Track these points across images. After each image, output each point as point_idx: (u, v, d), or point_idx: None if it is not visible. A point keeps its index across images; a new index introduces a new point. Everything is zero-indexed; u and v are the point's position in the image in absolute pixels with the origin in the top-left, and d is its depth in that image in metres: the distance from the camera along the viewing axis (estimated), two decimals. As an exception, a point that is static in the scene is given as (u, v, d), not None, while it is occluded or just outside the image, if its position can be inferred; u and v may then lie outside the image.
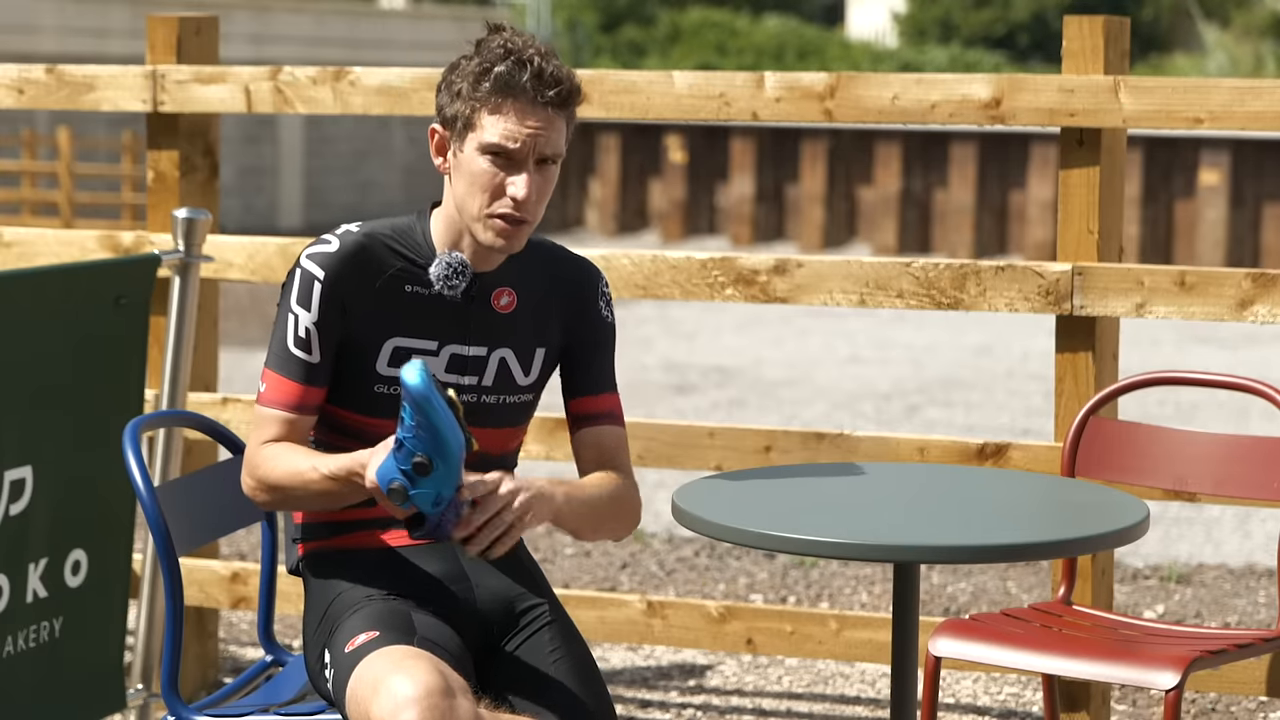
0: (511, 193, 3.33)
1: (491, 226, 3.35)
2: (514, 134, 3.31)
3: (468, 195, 3.36)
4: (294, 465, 3.33)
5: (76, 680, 4.45)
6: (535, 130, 3.32)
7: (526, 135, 3.31)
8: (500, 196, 3.34)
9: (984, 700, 5.40)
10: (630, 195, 22.51)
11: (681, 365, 12.75)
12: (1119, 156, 4.69)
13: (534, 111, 3.32)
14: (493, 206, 3.34)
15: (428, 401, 3.08)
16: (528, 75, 3.31)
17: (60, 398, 4.32)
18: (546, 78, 3.32)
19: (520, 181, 3.33)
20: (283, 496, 3.37)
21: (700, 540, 7.20)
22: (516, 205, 3.33)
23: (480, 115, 3.33)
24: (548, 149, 3.34)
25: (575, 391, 3.52)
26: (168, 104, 5.20)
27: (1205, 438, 4.21)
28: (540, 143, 3.32)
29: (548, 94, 3.32)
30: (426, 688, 3.13)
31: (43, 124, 19.71)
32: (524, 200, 3.32)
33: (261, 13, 22.34)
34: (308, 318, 3.37)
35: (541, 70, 3.32)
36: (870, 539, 3.28)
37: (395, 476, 3.13)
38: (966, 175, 20.79)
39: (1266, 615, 6.26)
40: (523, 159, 3.33)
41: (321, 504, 3.37)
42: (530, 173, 3.33)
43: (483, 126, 3.33)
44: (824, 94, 4.73)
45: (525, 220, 3.35)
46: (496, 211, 3.34)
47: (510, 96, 3.31)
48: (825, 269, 4.73)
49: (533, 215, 3.35)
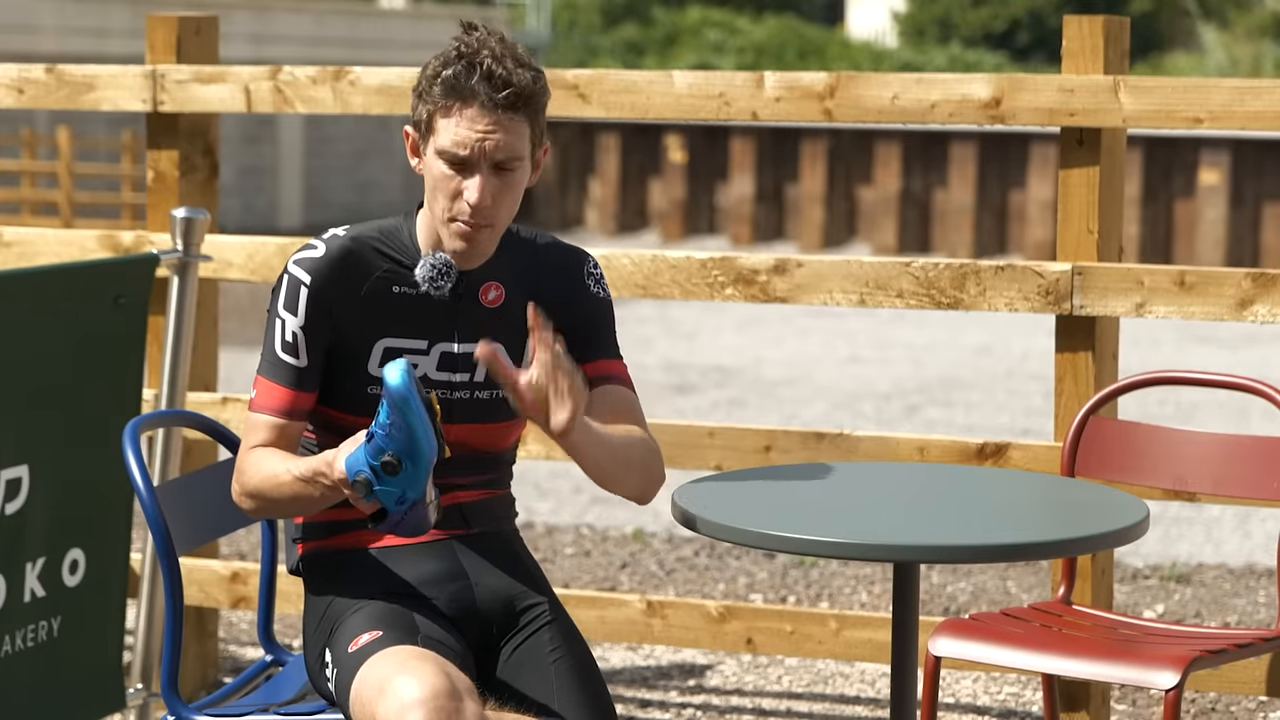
0: (466, 197, 3.30)
1: (453, 231, 3.35)
2: (464, 140, 3.28)
3: (432, 199, 3.36)
4: (271, 469, 3.33)
5: (75, 680, 4.44)
6: (485, 134, 3.28)
7: (476, 140, 3.28)
8: (457, 200, 3.32)
9: (984, 700, 5.40)
10: (630, 195, 22.51)
11: (681, 365, 12.75)
12: (1119, 156, 4.68)
13: (484, 115, 3.28)
14: (451, 210, 3.33)
15: (406, 403, 3.08)
16: (476, 78, 3.27)
17: (59, 397, 4.32)
18: (496, 80, 3.27)
19: (473, 186, 3.30)
20: (262, 502, 3.37)
21: (700, 540, 7.20)
22: (472, 210, 3.31)
23: (436, 119, 3.31)
24: (501, 153, 3.29)
25: (579, 361, 3.43)
26: (168, 104, 5.19)
27: (1205, 438, 4.21)
28: (490, 147, 3.28)
29: (497, 97, 3.27)
30: (433, 689, 3.12)
31: (43, 124, 19.71)
32: (477, 206, 3.30)
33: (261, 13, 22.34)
34: (294, 322, 3.37)
35: (491, 73, 3.27)
36: (870, 539, 3.28)
37: (363, 469, 3.13)
38: (966, 175, 20.79)
39: (1266, 615, 6.25)
40: (475, 163, 3.30)
41: (297, 508, 3.35)
42: (485, 176, 3.29)
43: (438, 130, 3.31)
44: (824, 94, 4.73)
45: (483, 225, 3.33)
46: (454, 216, 3.33)
47: (459, 100, 3.28)
48: (825, 269, 4.73)
49: (491, 219, 3.33)
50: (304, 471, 3.27)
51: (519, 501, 3.36)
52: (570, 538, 7.38)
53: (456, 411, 3.42)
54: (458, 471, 3.43)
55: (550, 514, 7.98)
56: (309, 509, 3.36)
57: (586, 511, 8.02)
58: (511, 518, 3.58)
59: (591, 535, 7.45)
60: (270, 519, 3.84)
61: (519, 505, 3.49)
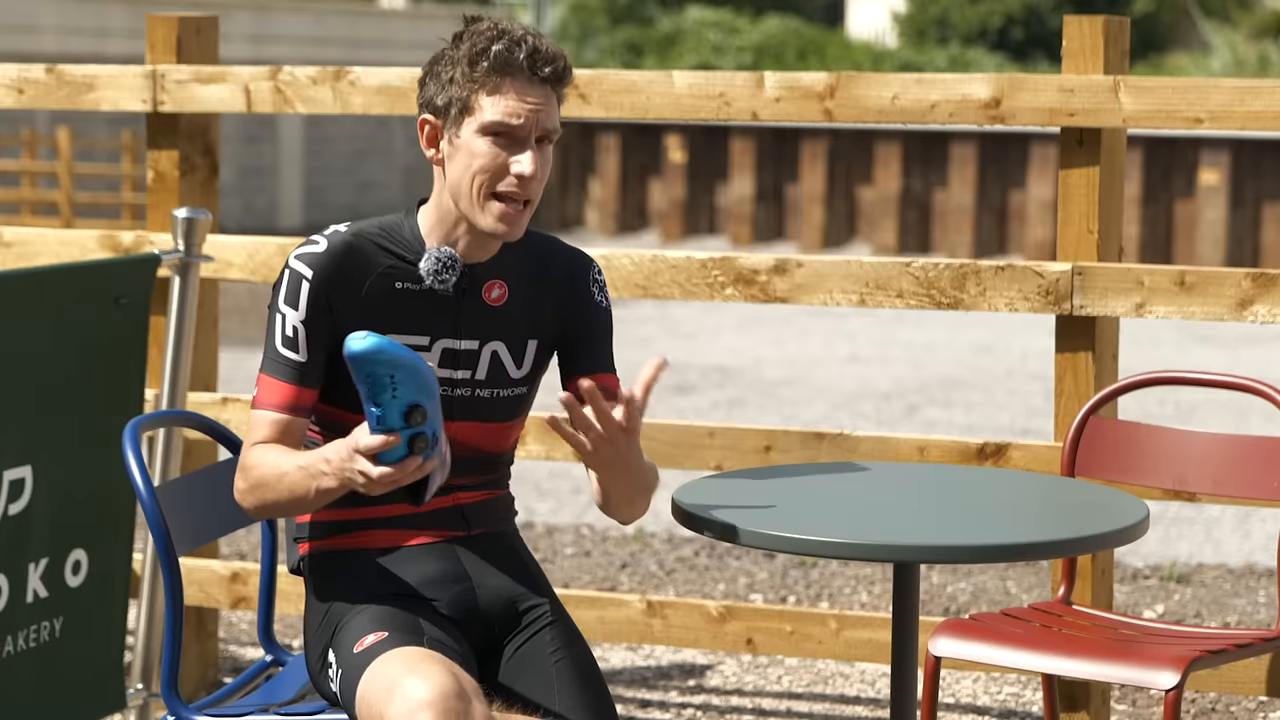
0: (517, 170, 3.34)
1: (491, 211, 3.35)
2: (516, 110, 3.33)
3: (465, 180, 3.36)
4: (272, 462, 3.33)
5: (76, 680, 4.45)
6: (536, 106, 3.34)
7: (529, 111, 3.33)
8: (504, 176, 3.34)
9: (984, 700, 5.40)
10: (630, 195, 22.50)
11: (681, 365, 12.75)
12: (1119, 156, 4.69)
13: (532, 88, 3.34)
14: (497, 186, 3.34)
15: (386, 349, 3.04)
16: (524, 53, 3.33)
17: (60, 398, 4.32)
18: (543, 54, 3.34)
19: (526, 159, 3.34)
20: (263, 496, 3.35)
21: (700, 540, 7.20)
22: (521, 183, 3.34)
23: (478, 97, 3.33)
24: (548, 124, 3.36)
25: (575, 373, 3.49)
26: (168, 104, 5.20)
27: (1205, 438, 4.21)
28: (541, 118, 3.35)
29: (544, 70, 3.34)
30: (442, 690, 3.12)
31: (43, 124, 19.71)
32: (530, 177, 3.33)
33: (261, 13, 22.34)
34: (295, 316, 3.37)
35: (537, 48, 3.34)
36: (870, 539, 3.28)
37: (399, 431, 3.10)
38: (966, 175, 20.78)
39: (1266, 615, 6.26)
40: (525, 136, 3.34)
41: (294, 504, 3.33)
42: (534, 149, 3.35)
43: (481, 108, 3.33)
44: (824, 94, 4.74)
45: (528, 200, 3.36)
46: (501, 191, 3.34)
47: (509, 75, 3.33)
48: (825, 269, 4.73)
49: (534, 194, 3.37)
50: (307, 461, 3.26)
51: (519, 501, 3.37)
52: (570, 538, 7.38)
53: (457, 409, 3.43)
54: (458, 472, 3.42)
55: (550, 514, 7.98)
56: (305, 506, 3.34)
57: (586, 511, 8.03)
58: (511, 518, 3.58)
59: (591, 535, 7.45)
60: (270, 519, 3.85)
61: (519, 505, 3.49)
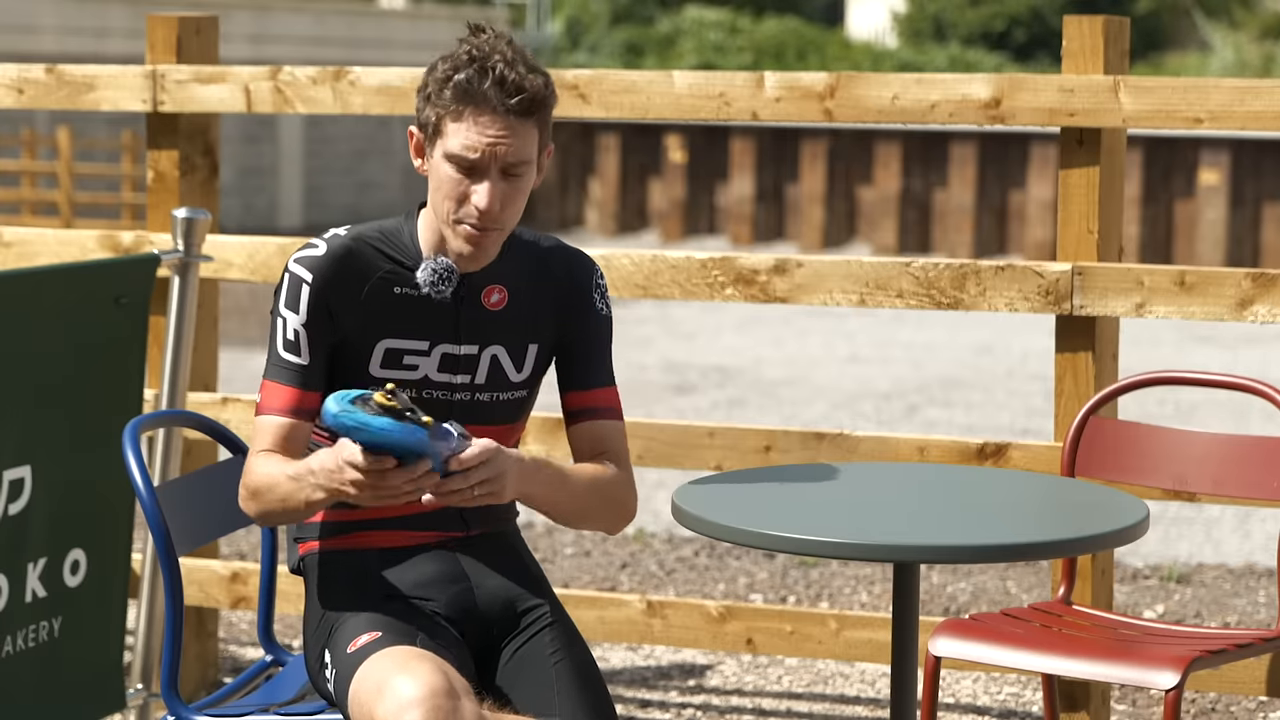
0: (475, 201, 3.30)
1: (460, 234, 3.35)
2: (474, 144, 3.28)
3: (436, 201, 3.36)
4: (269, 472, 3.33)
5: (76, 680, 4.45)
6: (496, 139, 3.28)
7: (486, 145, 3.28)
8: (465, 204, 3.32)
9: (984, 700, 5.40)
10: (630, 195, 22.51)
11: (681, 365, 12.75)
12: (1119, 156, 4.69)
13: (495, 120, 3.28)
14: (458, 213, 3.33)
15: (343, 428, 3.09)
16: (489, 83, 3.26)
17: (60, 397, 4.32)
18: (509, 86, 3.27)
19: (482, 191, 3.30)
20: (261, 505, 3.36)
21: (700, 540, 7.20)
22: (479, 215, 3.31)
23: (445, 122, 3.30)
24: (511, 157, 3.30)
25: (571, 385, 3.50)
26: (167, 104, 5.20)
27: (1205, 438, 4.21)
28: (502, 152, 3.29)
29: (509, 102, 3.27)
30: (430, 688, 3.13)
31: (43, 124, 19.71)
32: (485, 210, 3.30)
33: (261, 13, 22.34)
34: (296, 319, 3.37)
35: (504, 78, 3.27)
36: (870, 539, 3.28)
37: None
38: (966, 175, 20.79)
39: (1266, 615, 6.26)
40: (484, 168, 3.30)
41: (290, 514, 3.33)
42: (493, 181, 3.30)
43: (447, 134, 3.31)
44: (824, 94, 4.73)
45: (490, 229, 3.34)
46: (461, 219, 3.33)
47: (471, 104, 3.28)
48: (825, 269, 4.73)
49: (498, 224, 3.33)
50: (297, 470, 3.27)
51: (518, 501, 3.37)
52: (570, 538, 7.38)
53: (456, 413, 3.42)
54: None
55: (550, 514, 7.97)
56: (300, 515, 3.34)
57: (586, 511, 8.01)
58: (512, 518, 3.58)
59: (591, 535, 7.45)
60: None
61: (518, 505, 3.49)
